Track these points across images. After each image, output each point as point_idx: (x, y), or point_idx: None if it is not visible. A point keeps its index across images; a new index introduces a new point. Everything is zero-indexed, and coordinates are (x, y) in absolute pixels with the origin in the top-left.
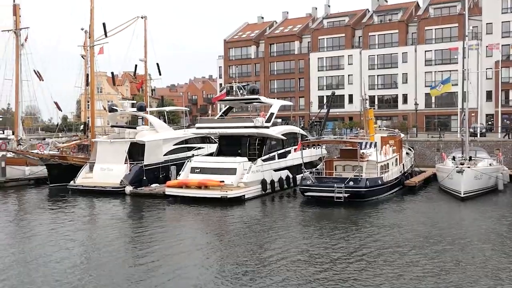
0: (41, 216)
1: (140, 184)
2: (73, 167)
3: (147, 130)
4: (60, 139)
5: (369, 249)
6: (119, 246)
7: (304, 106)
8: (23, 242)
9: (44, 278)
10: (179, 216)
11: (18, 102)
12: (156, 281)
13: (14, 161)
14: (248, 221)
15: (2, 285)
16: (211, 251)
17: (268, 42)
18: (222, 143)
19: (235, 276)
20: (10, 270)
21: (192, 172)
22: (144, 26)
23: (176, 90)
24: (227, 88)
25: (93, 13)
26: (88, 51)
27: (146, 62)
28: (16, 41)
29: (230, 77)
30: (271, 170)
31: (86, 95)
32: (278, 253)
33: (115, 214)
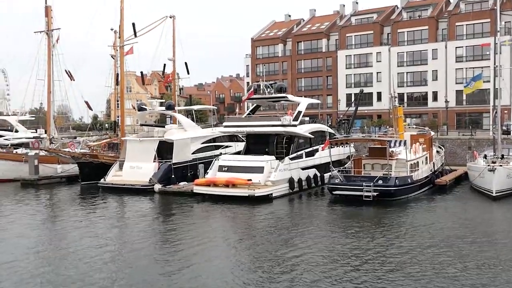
0: (73, 214)
1: (169, 182)
2: (103, 165)
3: (176, 129)
4: (91, 138)
5: (398, 249)
6: (148, 244)
7: (332, 104)
8: (56, 239)
9: (77, 274)
10: (207, 214)
11: (50, 101)
12: (185, 278)
13: (46, 159)
14: (276, 219)
15: (39, 280)
16: (238, 250)
17: (295, 40)
18: (249, 141)
19: (262, 275)
20: (45, 266)
21: (220, 170)
22: (172, 26)
23: (203, 89)
24: (255, 86)
25: (123, 13)
26: (118, 51)
27: (174, 61)
28: (48, 42)
29: (257, 75)
30: (298, 169)
31: (116, 95)
32: (305, 252)
33: (144, 212)
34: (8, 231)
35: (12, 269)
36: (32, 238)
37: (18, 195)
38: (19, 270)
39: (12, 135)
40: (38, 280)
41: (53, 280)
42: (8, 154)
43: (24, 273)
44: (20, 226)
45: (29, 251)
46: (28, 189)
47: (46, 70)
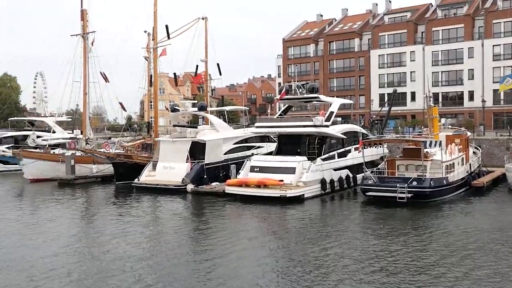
0: (108, 213)
1: (201, 182)
2: (137, 165)
3: (208, 130)
4: (125, 139)
5: (433, 252)
6: (181, 244)
7: (365, 104)
8: (92, 237)
9: (113, 272)
10: (238, 215)
11: (86, 103)
12: (216, 279)
13: (82, 159)
14: (307, 220)
15: (77, 277)
16: (270, 250)
17: (327, 40)
18: (281, 142)
19: (293, 277)
20: (82, 263)
21: (252, 171)
22: (205, 27)
23: (235, 90)
24: (286, 87)
25: (156, 16)
26: (151, 53)
27: (206, 62)
28: (83, 45)
29: (289, 76)
30: (330, 170)
31: (149, 96)
32: (337, 254)
33: (177, 212)
34: (46, 229)
35: (49, 265)
36: (69, 235)
37: (55, 194)
38: (57, 267)
39: (49, 136)
40: (75, 276)
41: (89, 277)
42: (46, 155)
43: (62, 270)
44: (58, 224)
45: (66, 249)
46: (65, 188)
47: (82, 72)
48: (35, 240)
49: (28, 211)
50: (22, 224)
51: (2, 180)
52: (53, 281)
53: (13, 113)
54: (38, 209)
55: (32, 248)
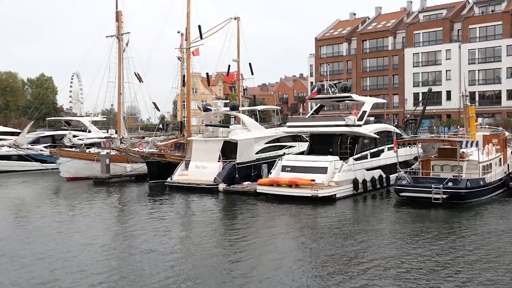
0: (141, 211)
1: (233, 182)
2: (170, 164)
3: (240, 129)
4: (158, 138)
5: (469, 255)
6: (212, 242)
7: (398, 104)
8: (126, 235)
9: (147, 271)
10: (270, 214)
11: (120, 103)
12: (248, 276)
13: (116, 158)
14: (339, 221)
15: (111, 274)
16: (300, 251)
17: (360, 39)
18: (313, 141)
19: (323, 279)
20: (116, 259)
21: (283, 170)
22: (237, 27)
23: (267, 89)
24: (318, 86)
25: (189, 16)
26: (184, 53)
27: (238, 62)
28: (118, 45)
29: (321, 75)
30: (363, 170)
31: (182, 96)
32: (369, 256)
33: (209, 210)
34: (81, 226)
35: (84, 260)
36: (104, 233)
37: (91, 192)
38: (92, 263)
39: (85, 135)
40: (107, 273)
41: (125, 276)
42: (81, 154)
43: (97, 265)
44: (93, 221)
45: (101, 245)
46: (100, 186)
47: (117, 73)
48: (70, 236)
49: (65, 208)
50: (58, 221)
51: (40, 178)
52: (88, 277)
53: (50, 113)
54: (74, 207)
55: (67, 244)
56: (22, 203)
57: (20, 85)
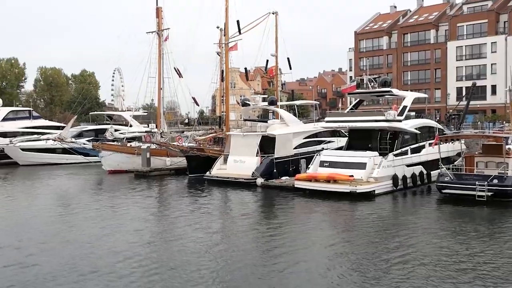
0: (181, 204)
1: (271, 177)
2: (209, 158)
3: (278, 124)
4: (198, 132)
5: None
6: (250, 237)
7: (440, 99)
8: (165, 227)
9: (187, 262)
10: (307, 210)
11: (161, 98)
12: (285, 272)
13: (157, 152)
14: (378, 217)
15: (150, 265)
16: (338, 246)
17: (401, 32)
18: (352, 137)
19: (360, 277)
20: (155, 251)
21: (321, 165)
22: (275, 22)
23: (305, 84)
24: (358, 81)
25: (227, 11)
26: (223, 48)
27: (277, 57)
28: (158, 41)
29: (360, 69)
30: (403, 166)
31: (221, 90)
32: (409, 255)
33: (247, 205)
34: (123, 218)
35: (125, 252)
36: (144, 225)
37: (132, 185)
38: (133, 256)
39: (126, 130)
40: (148, 263)
41: (161, 264)
42: (123, 147)
43: (137, 258)
44: (134, 213)
45: (141, 237)
46: (140, 179)
47: (157, 68)
48: (111, 227)
49: (106, 200)
50: (100, 213)
51: (83, 171)
52: (127, 268)
53: (93, 108)
54: (116, 199)
55: (109, 236)
56: (66, 194)
57: (64, 81)
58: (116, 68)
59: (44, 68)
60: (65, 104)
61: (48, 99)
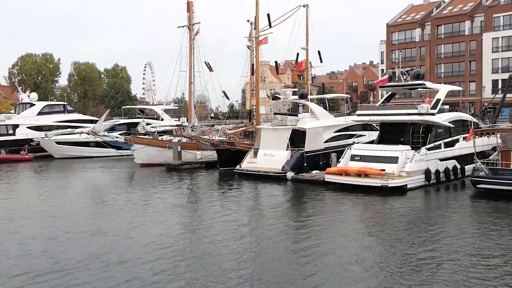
0: (211, 197)
1: (301, 170)
2: (239, 152)
3: (308, 118)
4: (228, 126)
5: None
6: (281, 230)
7: (475, 92)
8: (196, 220)
9: (217, 255)
10: (338, 203)
11: (191, 91)
12: (313, 266)
13: (187, 145)
14: (410, 213)
15: (180, 257)
16: (367, 242)
17: (435, 24)
18: (383, 130)
19: (390, 275)
20: (185, 244)
21: (352, 159)
22: (306, 14)
23: (336, 77)
24: (390, 73)
25: (258, 5)
26: (253, 42)
27: (307, 50)
28: (189, 35)
29: (392, 62)
30: (436, 160)
31: (251, 84)
32: (441, 251)
33: (277, 199)
34: (153, 211)
35: (154, 244)
36: (174, 217)
37: (164, 178)
38: (162, 248)
39: (158, 123)
40: (177, 255)
41: (190, 257)
42: (154, 141)
43: (167, 250)
44: (165, 205)
45: (171, 230)
46: (172, 173)
47: (188, 62)
48: (142, 219)
49: (138, 193)
50: (132, 205)
51: (116, 164)
52: (154, 258)
53: (125, 102)
54: (147, 192)
55: (139, 227)
56: (99, 187)
57: (97, 75)
58: (147, 62)
59: (78, 63)
60: (98, 98)
61: (82, 93)
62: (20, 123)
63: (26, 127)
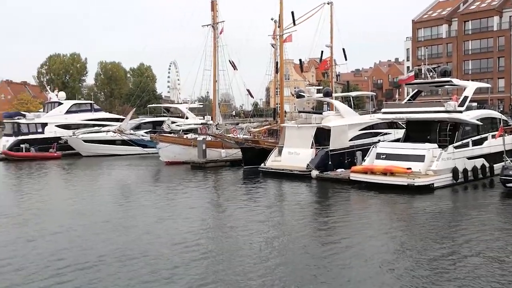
0: (236, 195)
1: (326, 169)
2: (264, 150)
3: (333, 116)
4: (252, 124)
5: None
6: (305, 229)
7: (504, 88)
8: (222, 219)
9: (242, 252)
10: (363, 203)
11: (216, 90)
12: (338, 268)
13: (212, 144)
14: (437, 212)
15: (206, 254)
16: (394, 242)
17: (462, 19)
18: (409, 128)
19: (416, 277)
20: (212, 242)
21: (378, 158)
22: (330, 12)
23: (360, 75)
24: (416, 71)
25: (282, 3)
26: (277, 40)
27: (332, 47)
28: (213, 34)
29: (418, 59)
30: (464, 158)
31: (275, 82)
32: (470, 253)
33: (302, 197)
34: (178, 208)
35: (180, 241)
36: (200, 216)
37: (189, 176)
38: (188, 245)
39: (183, 122)
40: (203, 252)
41: (216, 254)
42: (179, 139)
43: (193, 248)
44: (190, 204)
45: (196, 228)
46: (197, 171)
47: (212, 61)
48: (167, 216)
49: (163, 191)
50: (157, 203)
51: (142, 162)
52: (176, 254)
53: (151, 101)
54: (172, 190)
55: (163, 224)
56: (125, 184)
57: (123, 74)
58: (172, 61)
59: (104, 62)
60: (124, 97)
61: (108, 92)
62: (48, 121)
63: (54, 125)
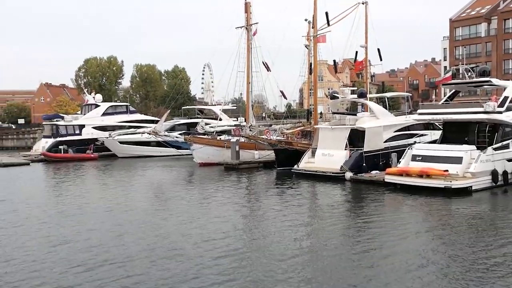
0: (269, 197)
1: (360, 171)
2: (297, 152)
3: (367, 117)
4: (285, 126)
5: None
6: (339, 231)
7: None
8: (256, 220)
9: (275, 254)
10: (398, 205)
11: (249, 92)
12: (371, 270)
13: (245, 145)
14: (475, 215)
15: (237, 256)
16: (429, 245)
17: (502, 18)
18: (446, 129)
19: (454, 281)
20: (243, 243)
21: (413, 160)
22: (365, 12)
23: (395, 75)
24: (453, 71)
25: (316, 3)
26: (311, 41)
27: (366, 48)
28: (247, 36)
29: (456, 59)
30: (503, 160)
31: (309, 83)
32: (506, 256)
33: (336, 200)
34: (212, 209)
35: (212, 242)
36: (232, 216)
37: (222, 177)
38: (220, 246)
39: (216, 123)
40: (233, 254)
41: (247, 256)
42: (213, 140)
43: (225, 249)
44: (224, 205)
45: (230, 230)
46: (230, 172)
47: (246, 63)
48: (200, 217)
49: (197, 191)
50: (191, 203)
51: (176, 163)
52: (207, 254)
53: (185, 102)
54: (206, 191)
55: (198, 225)
56: (159, 185)
57: (157, 77)
58: (206, 63)
59: (140, 65)
60: (159, 99)
61: (143, 94)
62: (86, 123)
63: (91, 127)
